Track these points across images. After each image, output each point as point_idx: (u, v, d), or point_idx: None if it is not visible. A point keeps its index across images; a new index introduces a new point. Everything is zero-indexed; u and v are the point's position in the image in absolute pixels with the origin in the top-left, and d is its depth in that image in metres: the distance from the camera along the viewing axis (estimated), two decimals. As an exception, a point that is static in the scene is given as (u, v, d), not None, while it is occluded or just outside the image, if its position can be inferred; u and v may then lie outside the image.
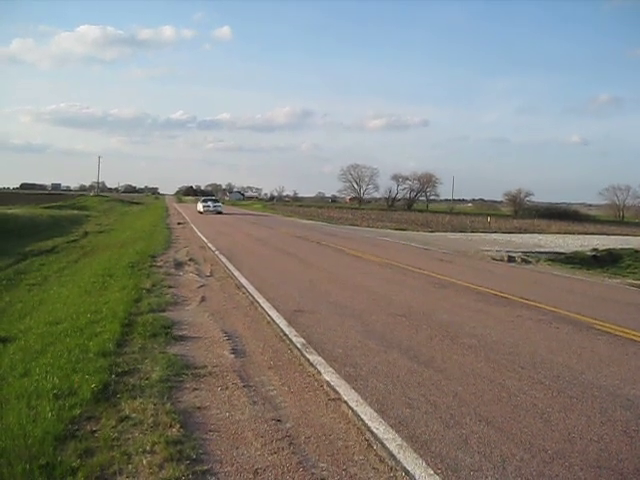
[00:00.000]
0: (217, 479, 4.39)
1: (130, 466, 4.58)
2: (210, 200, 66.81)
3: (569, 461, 4.68)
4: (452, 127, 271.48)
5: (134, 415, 5.55)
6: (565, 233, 55.90)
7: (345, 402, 5.93)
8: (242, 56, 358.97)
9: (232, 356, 7.57)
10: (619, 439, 5.16)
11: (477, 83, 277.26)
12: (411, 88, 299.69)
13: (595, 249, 33.11)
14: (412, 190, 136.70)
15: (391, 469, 4.54)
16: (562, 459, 4.72)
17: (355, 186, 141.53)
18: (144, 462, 4.61)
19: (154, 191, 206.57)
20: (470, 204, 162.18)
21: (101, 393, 6.04)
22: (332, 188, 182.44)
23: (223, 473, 4.48)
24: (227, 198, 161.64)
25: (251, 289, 12.51)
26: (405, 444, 4.90)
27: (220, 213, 59.28)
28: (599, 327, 9.66)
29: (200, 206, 61.92)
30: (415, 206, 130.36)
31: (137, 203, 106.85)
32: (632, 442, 5.10)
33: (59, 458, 4.65)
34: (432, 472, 4.42)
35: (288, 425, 5.41)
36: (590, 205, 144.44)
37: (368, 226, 51.08)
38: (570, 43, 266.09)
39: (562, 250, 30.77)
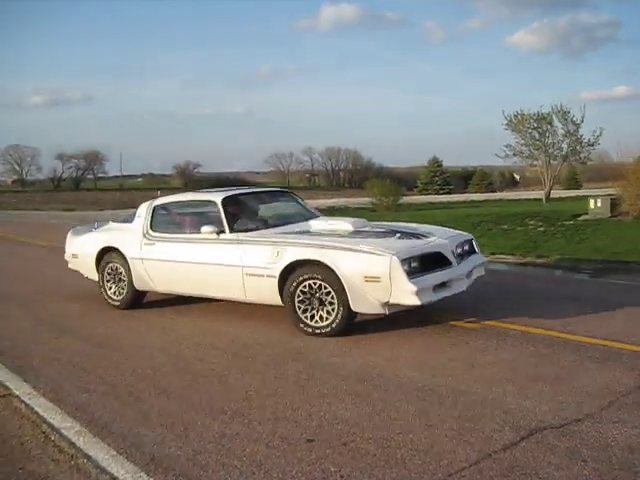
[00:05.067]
0: None
1: None
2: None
3: (248, 418, 4.90)
4: (118, 103, 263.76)
5: None
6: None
7: (17, 397, 5.56)
8: None
9: None
10: (292, 390, 5.52)
11: (141, 59, 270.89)
12: (73, 63, 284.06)
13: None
14: (79, 169, 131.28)
15: (72, 457, 4.35)
16: (241, 417, 4.92)
17: (17, 168, 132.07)
18: None
19: None
20: (140, 179, 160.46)
21: None
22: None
23: None
24: None
25: None
26: (84, 429, 4.73)
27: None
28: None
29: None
30: (83, 185, 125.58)
31: None
32: (304, 391, 5.48)
33: None
34: (115, 452, 4.33)
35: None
36: (258, 173, 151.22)
37: (35, 209, 48.88)
38: (236, 18, 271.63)
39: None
